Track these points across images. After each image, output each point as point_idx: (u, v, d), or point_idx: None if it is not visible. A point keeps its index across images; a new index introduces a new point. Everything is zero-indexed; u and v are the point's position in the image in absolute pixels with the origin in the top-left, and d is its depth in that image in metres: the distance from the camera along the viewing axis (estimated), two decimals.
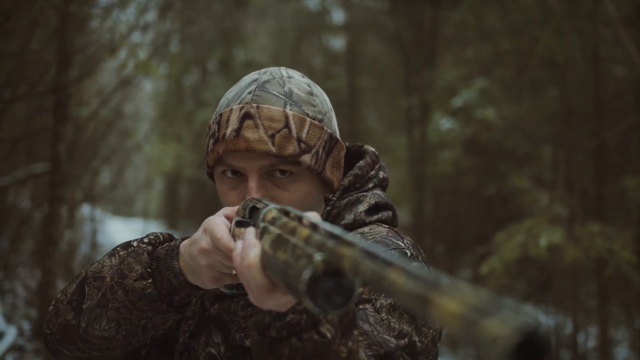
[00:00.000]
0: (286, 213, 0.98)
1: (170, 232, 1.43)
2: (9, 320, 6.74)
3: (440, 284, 0.61)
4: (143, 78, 7.91)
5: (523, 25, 7.39)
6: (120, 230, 18.39)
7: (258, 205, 1.12)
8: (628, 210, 6.48)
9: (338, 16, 16.91)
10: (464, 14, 7.92)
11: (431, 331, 1.31)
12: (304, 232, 0.86)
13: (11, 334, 6.13)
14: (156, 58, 9.63)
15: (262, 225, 0.99)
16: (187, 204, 23.05)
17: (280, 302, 0.95)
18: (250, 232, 1.00)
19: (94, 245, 10.78)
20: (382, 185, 1.54)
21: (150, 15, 8.50)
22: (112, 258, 1.38)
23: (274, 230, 0.94)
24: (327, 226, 0.84)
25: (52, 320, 1.40)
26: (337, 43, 17.46)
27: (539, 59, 6.42)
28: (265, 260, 0.92)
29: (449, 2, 10.29)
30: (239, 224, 1.11)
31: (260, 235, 0.97)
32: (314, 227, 0.87)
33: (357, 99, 14.33)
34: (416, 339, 1.26)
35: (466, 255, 10.46)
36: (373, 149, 1.57)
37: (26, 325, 7.21)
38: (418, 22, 11.52)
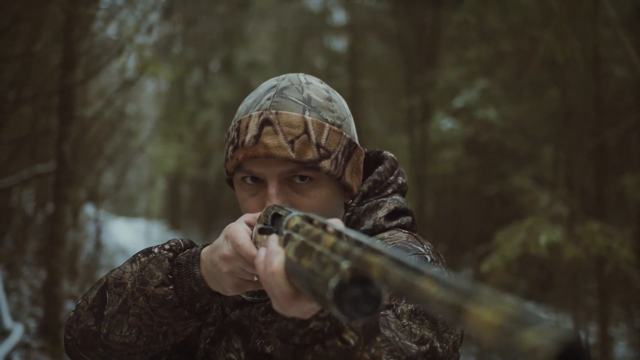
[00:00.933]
0: (310, 220, 0.97)
1: (172, 232, 1.46)
2: (15, 318, 6.81)
3: (474, 294, 0.60)
4: (146, 79, 7.96)
5: (524, 26, 7.44)
6: (123, 230, 18.46)
7: (280, 213, 1.12)
8: (628, 209, 6.54)
9: (340, 17, 16.95)
10: (465, 15, 7.98)
11: (452, 337, 1.30)
12: (329, 239, 0.86)
13: (17, 331, 6.17)
14: (159, 59, 9.71)
15: (285, 232, 0.99)
16: (189, 204, 23.11)
17: (304, 309, 0.95)
18: (273, 240, 1.00)
19: (98, 245, 10.83)
20: (401, 190, 1.53)
21: (154, 17, 8.56)
22: (133, 264, 1.38)
23: (298, 237, 0.93)
24: (353, 234, 0.83)
25: (73, 326, 1.40)
26: (339, 44, 17.50)
27: (539, 60, 6.47)
28: (290, 268, 0.92)
29: (450, 3, 10.35)
30: (262, 231, 1.10)
31: (284, 242, 0.97)
32: (339, 234, 0.86)
33: (359, 100, 14.39)
34: (437, 344, 1.26)
35: (467, 254, 10.52)
36: (392, 155, 1.57)
37: (32, 324, 7.28)
38: (419, 23, 11.56)
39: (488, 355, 8.46)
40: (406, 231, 1.45)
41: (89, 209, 12.18)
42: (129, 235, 18.25)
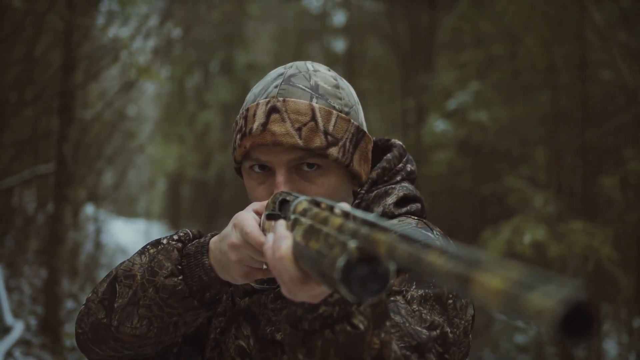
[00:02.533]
0: (317, 204, 0.97)
1: (172, 232, 1.54)
2: (16, 315, 6.96)
3: (481, 262, 0.60)
4: (145, 81, 8.12)
5: (515, 31, 7.59)
6: (123, 231, 18.58)
7: (288, 198, 1.12)
8: (614, 209, 6.70)
9: (339, 18, 17.04)
10: (456, 21, 8.12)
11: (463, 322, 1.30)
12: (337, 221, 0.86)
13: (18, 328, 6.33)
14: (159, 61, 9.85)
15: (293, 217, 0.99)
16: (189, 204, 23.22)
17: (314, 293, 0.95)
18: (281, 225, 0.99)
19: (98, 245, 10.98)
20: (410, 178, 1.52)
21: (154, 19, 8.70)
22: (142, 256, 1.38)
23: (306, 221, 0.93)
24: (359, 213, 0.84)
25: (84, 319, 1.40)
26: (339, 45, 17.60)
27: (530, 64, 6.63)
28: (298, 252, 0.92)
29: (446, 6, 10.50)
30: (270, 217, 1.09)
31: (292, 227, 0.97)
32: (346, 215, 0.86)
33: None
34: (448, 330, 1.26)
35: None
36: (400, 143, 1.56)
37: (32, 321, 7.43)
38: (415, 26, 11.70)
39: (480, 352, 8.62)
40: (416, 217, 1.44)
41: (89, 209, 12.32)
42: (129, 235, 18.38)
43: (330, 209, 0.91)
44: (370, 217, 0.81)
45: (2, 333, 6.28)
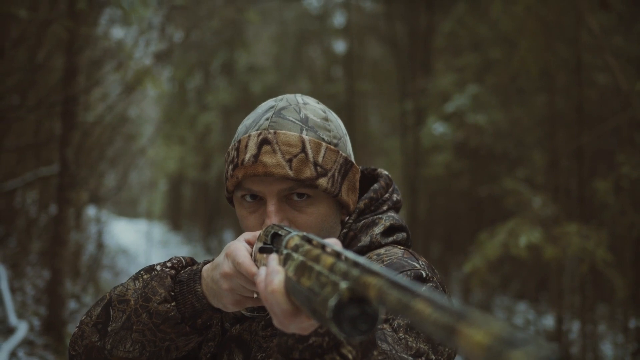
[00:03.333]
0: (308, 240, 0.99)
1: (173, 232, 1.60)
2: (19, 316, 7.05)
3: (466, 315, 0.63)
4: (142, 84, 8.21)
5: (510, 36, 7.68)
6: (125, 231, 18.66)
7: (280, 232, 1.14)
8: (608, 212, 6.79)
9: (340, 19, 17.07)
10: (453, 25, 8.21)
11: (447, 350, 1.34)
12: (328, 260, 0.88)
13: (22, 328, 6.43)
14: (160, 64, 9.94)
15: (285, 252, 1.01)
16: (190, 205, 23.32)
17: (304, 325, 0.97)
18: (273, 259, 1.02)
19: (100, 246, 11.07)
20: (396, 207, 1.57)
21: (155, 25, 8.79)
22: (136, 282, 1.41)
23: (298, 257, 0.96)
24: (351, 255, 0.86)
25: (78, 341, 1.43)
26: (339, 46, 17.64)
27: (525, 68, 6.71)
28: (289, 287, 0.95)
29: (444, 8, 10.58)
30: (262, 250, 1.12)
31: (284, 261, 1.00)
32: (337, 255, 0.88)
33: (356, 102, 14.59)
34: (433, 357, 1.29)
35: (459, 255, 10.74)
36: (386, 172, 1.61)
37: (35, 322, 7.52)
38: (414, 29, 11.77)
39: None
40: (402, 247, 1.49)
41: (91, 211, 12.40)
42: (130, 236, 18.46)
43: (322, 247, 0.94)
44: (360, 259, 0.83)
45: (6, 333, 6.38)
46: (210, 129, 18.33)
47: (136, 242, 17.76)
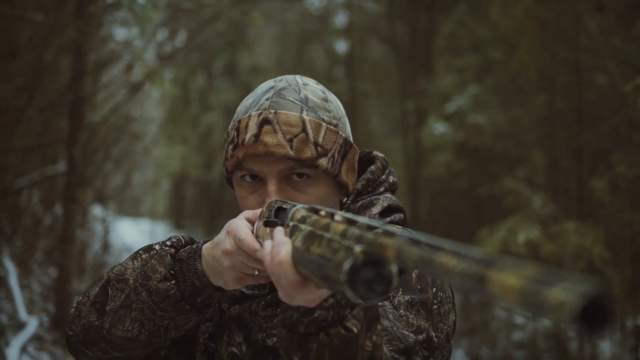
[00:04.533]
0: (315, 211, 1.00)
1: (176, 231, 1.65)
2: (28, 313, 7.18)
3: (494, 261, 0.62)
4: (153, 87, 8.35)
5: (510, 37, 7.81)
6: (128, 230, 18.77)
7: (285, 206, 1.14)
8: (605, 210, 6.91)
9: (341, 20, 17.15)
10: (453, 27, 8.33)
11: (446, 327, 1.36)
12: (339, 227, 0.88)
13: (32, 324, 6.56)
14: (164, 65, 10.07)
15: (291, 224, 1.02)
16: (192, 205, 23.43)
17: (311, 297, 0.98)
18: (279, 231, 1.03)
19: (106, 245, 11.20)
20: (392, 189, 1.59)
21: (162, 29, 8.92)
22: (135, 261, 1.42)
23: (305, 227, 0.96)
24: (363, 219, 0.87)
25: (75, 321, 1.44)
26: (341, 46, 17.72)
27: (524, 69, 6.83)
28: (297, 257, 0.94)
29: (444, 9, 10.70)
30: (267, 224, 1.11)
31: (290, 233, 1.00)
32: (349, 221, 0.90)
33: (357, 102, 14.69)
34: (433, 334, 1.31)
35: None
36: (382, 155, 1.63)
37: (44, 318, 7.65)
38: (414, 29, 11.88)
39: (477, 349, 8.83)
40: (399, 226, 1.48)
41: (97, 210, 12.54)
42: (134, 235, 18.58)
43: (331, 215, 0.95)
44: (375, 222, 0.85)
45: (16, 329, 6.51)
46: (213, 129, 18.43)
47: (140, 241, 17.89)
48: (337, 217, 0.93)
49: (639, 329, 6.72)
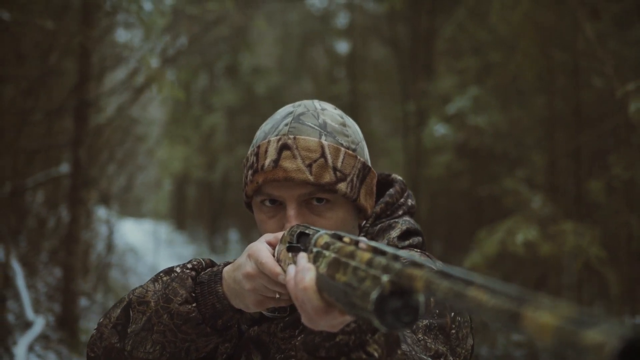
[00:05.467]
0: (339, 238, 1.00)
1: (178, 232, 1.65)
2: (35, 312, 7.29)
3: (528, 299, 0.62)
4: (156, 90, 8.46)
5: (509, 40, 7.90)
6: (132, 230, 18.88)
7: (307, 231, 1.15)
8: (602, 210, 7.01)
9: (343, 20, 17.19)
10: (453, 30, 8.43)
11: (463, 351, 1.36)
12: (365, 255, 0.88)
13: (39, 323, 6.67)
14: (168, 68, 10.17)
15: (315, 250, 1.02)
16: (194, 205, 23.55)
17: (334, 322, 0.98)
18: (302, 257, 1.03)
19: (109, 245, 11.29)
20: (411, 212, 1.58)
21: (166, 33, 9.02)
22: (156, 283, 1.43)
23: (330, 254, 0.96)
24: (389, 249, 0.87)
25: (97, 343, 1.44)
26: (342, 47, 17.77)
27: (523, 72, 6.93)
28: (321, 283, 0.95)
29: (445, 11, 10.79)
30: (290, 249, 1.13)
31: (314, 259, 1.00)
32: (374, 250, 0.89)
33: (359, 103, 14.77)
34: (451, 358, 1.31)
35: (461, 254, 10.93)
36: (401, 178, 1.62)
37: (50, 317, 7.75)
38: (416, 31, 11.97)
39: (477, 349, 8.92)
40: (418, 250, 1.50)
41: (101, 211, 12.63)
42: (137, 235, 18.69)
43: (356, 243, 0.95)
44: (401, 253, 0.85)
45: (23, 328, 6.62)
46: (215, 130, 18.55)
47: (143, 241, 18.00)
48: (362, 245, 0.93)
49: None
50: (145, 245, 17.36)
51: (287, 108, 1.50)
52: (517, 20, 6.85)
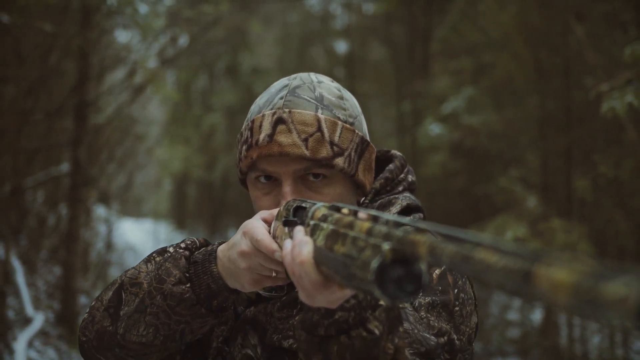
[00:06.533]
0: (337, 209, 0.97)
1: (178, 231, 1.64)
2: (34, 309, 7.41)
3: (541, 256, 0.57)
4: (153, 91, 8.57)
5: (501, 42, 8.02)
6: (131, 230, 19.00)
7: (304, 205, 1.11)
8: (588, 207, 7.12)
9: (341, 21, 17.27)
10: (447, 32, 8.54)
11: (468, 330, 1.31)
12: (365, 225, 0.84)
13: (39, 319, 6.79)
14: (166, 68, 10.28)
15: (312, 222, 0.98)
16: (194, 204, 23.62)
17: (333, 297, 0.94)
18: (299, 231, 0.99)
19: (109, 244, 11.42)
20: (411, 188, 1.52)
21: (164, 35, 9.13)
22: (149, 264, 1.38)
23: (327, 226, 0.92)
24: (390, 216, 0.83)
25: (89, 327, 1.39)
26: (341, 47, 17.85)
27: (511, 73, 7.04)
28: (319, 256, 0.91)
29: (442, 11, 10.89)
30: (287, 224, 1.09)
31: (311, 232, 0.96)
32: (374, 219, 0.86)
33: (358, 102, 14.83)
34: (455, 337, 1.27)
35: None
36: (401, 154, 1.57)
37: (49, 314, 7.87)
38: (412, 32, 12.07)
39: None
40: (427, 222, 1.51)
41: (100, 210, 12.75)
42: (137, 234, 18.80)
43: (354, 213, 0.91)
44: (404, 219, 0.82)
45: (23, 324, 6.74)
46: (215, 130, 18.63)
47: (143, 240, 18.12)
48: (361, 215, 0.89)
49: (625, 327, 6.90)
50: (144, 245, 17.49)
51: (283, 81, 1.44)
52: (506, 22, 6.96)
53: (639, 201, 6.04)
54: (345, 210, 0.94)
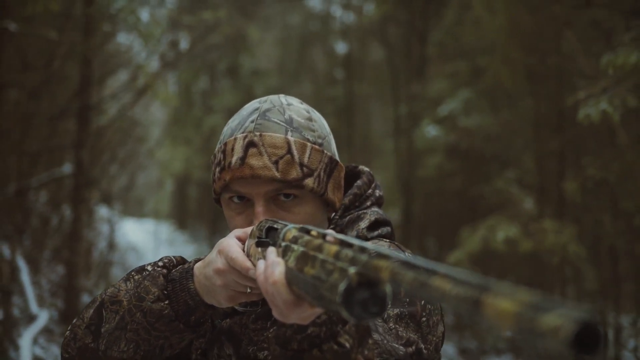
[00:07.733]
0: (307, 231, 1.00)
1: (179, 231, 1.74)
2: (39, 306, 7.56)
3: (489, 286, 0.62)
4: (158, 98, 8.71)
5: (494, 46, 8.15)
6: (133, 230, 19.10)
7: (275, 226, 1.14)
8: (582, 210, 7.25)
9: (342, 20, 17.34)
10: (442, 36, 8.68)
11: (434, 339, 1.36)
12: (332, 248, 0.89)
13: (43, 317, 6.94)
14: (167, 72, 10.42)
15: (283, 244, 1.02)
16: (195, 205, 23.69)
17: (304, 315, 0.98)
18: (272, 252, 1.03)
19: (111, 244, 11.54)
20: (379, 203, 1.58)
21: (165, 39, 9.27)
22: (128, 282, 1.41)
23: (298, 248, 0.96)
24: (356, 241, 0.87)
25: (71, 344, 1.42)
26: (341, 48, 17.91)
27: (502, 78, 7.16)
28: (290, 277, 0.95)
29: (439, 12, 11.02)
30: (259, 244, 1.13)
31: (282, 253, 1.00)
32: (341, 243, 0.90)
33: (357, 104, 14.97)
34: (422, 346, 1.31)
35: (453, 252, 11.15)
36: (368, 169, 1.62)
37: (53, 312, 8.01)
38: (409, 34, 12.17)
39: (467, 344, 9.18)
40: (387, 240, 1.51)
41: (102, 210, 12.87)
42: (139, 234, 18.90)
43: (323, 236, 0.95)
44: (367, 245, 0.85)
45: (27, 322, 6.89)
46: (216, 131, 18.65)
47: (144, 240, 18.22)
48: (329, 238, 0.93)
49: (618, 325, 7.05)
50: (146, 245, 17.60)
51: (254, 104, 1.50)
52: (497, 27, 7.09)
53: (628, 203, 6.18)
54: (314, 233, 0.99)
